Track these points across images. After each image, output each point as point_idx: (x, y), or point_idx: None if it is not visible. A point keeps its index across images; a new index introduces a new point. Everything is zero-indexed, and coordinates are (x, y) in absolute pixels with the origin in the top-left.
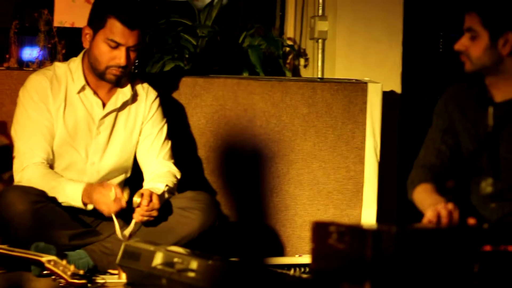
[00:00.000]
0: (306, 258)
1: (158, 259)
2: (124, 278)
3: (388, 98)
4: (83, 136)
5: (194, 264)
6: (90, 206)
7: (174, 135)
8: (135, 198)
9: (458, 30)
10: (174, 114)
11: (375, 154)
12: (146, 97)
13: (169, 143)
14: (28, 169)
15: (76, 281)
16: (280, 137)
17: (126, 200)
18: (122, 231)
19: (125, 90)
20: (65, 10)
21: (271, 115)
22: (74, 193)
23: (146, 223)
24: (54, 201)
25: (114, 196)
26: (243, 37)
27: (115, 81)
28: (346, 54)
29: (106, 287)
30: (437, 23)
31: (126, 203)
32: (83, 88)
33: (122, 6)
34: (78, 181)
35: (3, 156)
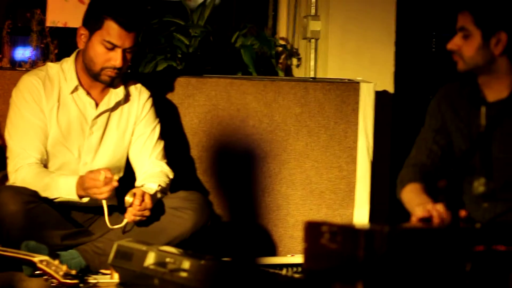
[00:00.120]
0: (299, 258)
1: (150, 259)
2: (116, 278)
3: (380, 97)
4: (76, 136)
5: (186, 264)
6: (85, 199)
7: (167, 135)
8: (128, 198)
9: (451, 29)
10: (167, 114)
11: (368, 153)
12: (139, 97)
13: (161, 143)
14: (22, 169)
15: (68, 281)
16: (272, 136)
17: (116, 179)
18: (112, 225)
19: (118, 90)
20: (57, 10)
21: (264, 115)
22: (68, 186)
23: (139, 223)
24: (47, 201)
25: (104, 177)
26: (236, 37)
27: (110, 82)
28: (339, 54)
29: (99, 287)
30: (429, 23)
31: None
32: (76, 88)
33: (119, 7)
34: (71, 175)
35: None
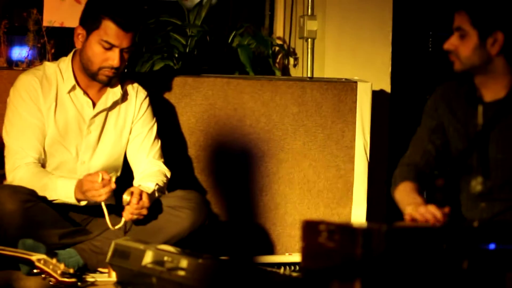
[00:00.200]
0: (296, 257)
1: (148, 258)
2: (114, 276)
3: (377, 97)
4: (74, 135)
5: (184, 262)
6: (84, 203)
7: (164, 135)
8: (125, 196)
9: (448, 29)
10: (164, 113)
11: (365, 153)
12: (136, 96)
13: (159, 142)
14: (20, 169)
15: (66, 279)
16: (270, 136)
17: (114, 181)
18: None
19: (115, 89)
20: (54, 10)
21: (261, 114)
22: (66, 189)
23: (136, 222)
24: (44, 200)
25: (102, 179)
26: (233, 36)
27: (107, 82)
28: (336, 53)
29: (96, 286)
30: (426, 22)
31: (115, 198)
32: (73, 88)
33: (117, 7)
34: (70, 177)
35: None
